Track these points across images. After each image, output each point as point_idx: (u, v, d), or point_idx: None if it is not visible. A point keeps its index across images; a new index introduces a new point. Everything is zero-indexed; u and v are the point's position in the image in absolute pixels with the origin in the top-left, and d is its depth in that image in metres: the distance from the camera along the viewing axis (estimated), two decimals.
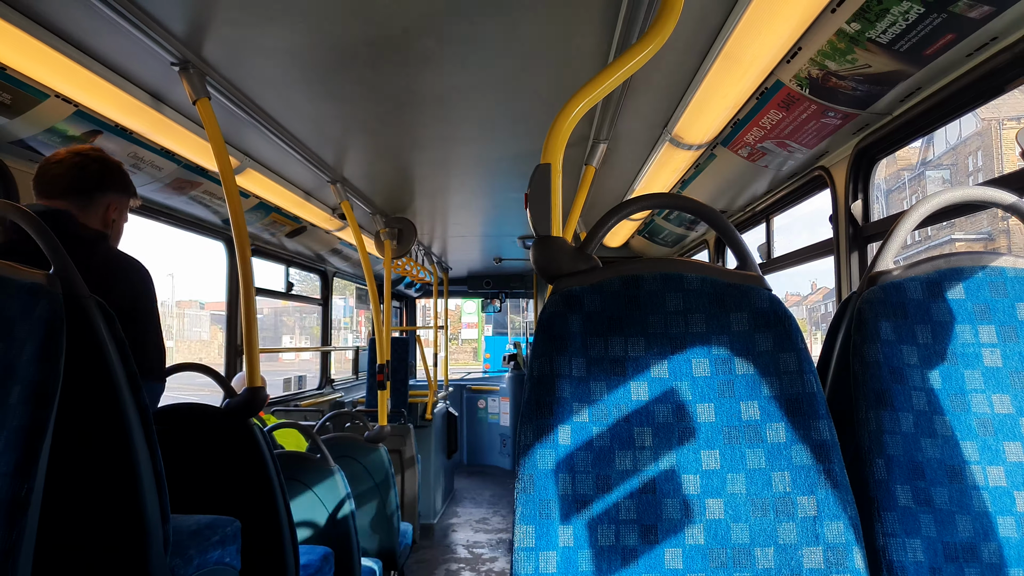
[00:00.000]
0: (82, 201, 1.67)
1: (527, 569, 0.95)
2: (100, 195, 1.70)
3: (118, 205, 1.76)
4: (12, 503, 1.06)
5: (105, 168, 1.72)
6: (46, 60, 1.81)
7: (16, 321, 1.15)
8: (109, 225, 1.74)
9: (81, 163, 1.67)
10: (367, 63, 2.07)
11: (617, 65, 1.26)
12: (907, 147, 1.63)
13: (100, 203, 1.71)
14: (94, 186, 1.68)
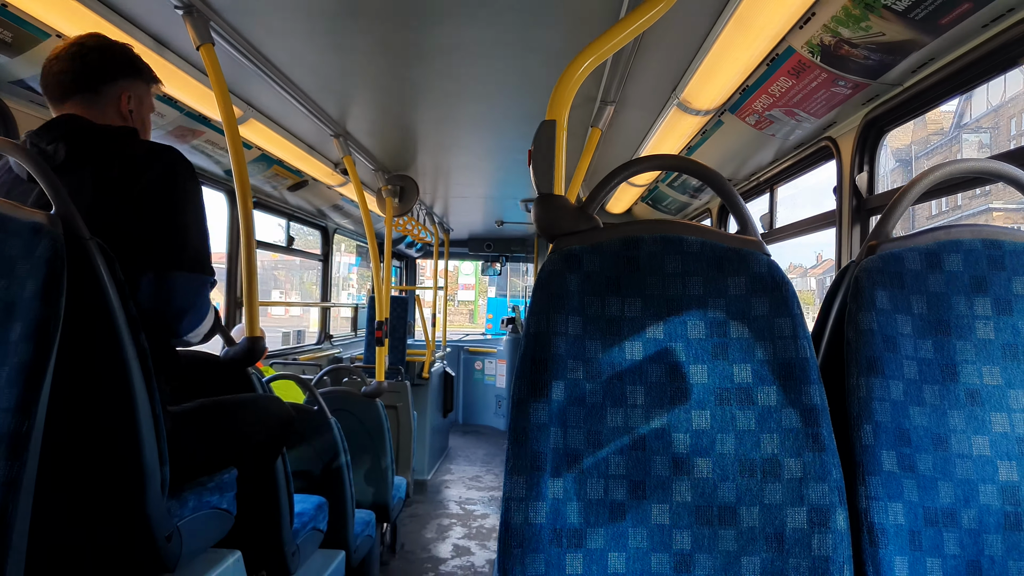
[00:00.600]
0: (89, 98, 1.50)
1: (517, 519, 0.97)
2: (108, 86, 1.52)
3: (132, 93, 1.57)
4: (14, 437, 1.08)
5: (107, 55, 1.52)
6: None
7: (17, 260, 1.16)
8: (128, 117, 1.57)
9: (79, 53, 1.49)
10: (374, 15, 2.03)
11: (627, 22, 1.24)
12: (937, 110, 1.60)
13: (110, 95, 1.53)
14: (98, 78, 1.50)
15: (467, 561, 3.53)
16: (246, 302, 2.14)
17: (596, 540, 0.99)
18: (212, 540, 1.63)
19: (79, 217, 1.24)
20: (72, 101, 1.49)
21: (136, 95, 1.58)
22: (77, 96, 1.49)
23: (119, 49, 1.55)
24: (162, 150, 1.44)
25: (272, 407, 1.85)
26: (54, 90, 1.49)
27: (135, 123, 1.58)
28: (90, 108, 1.50)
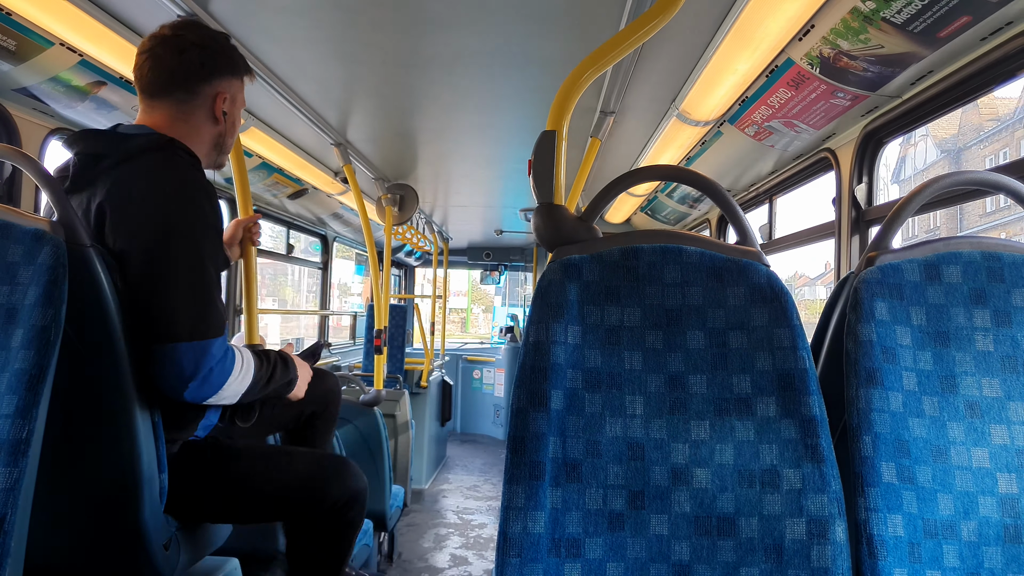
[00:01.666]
0: (182, 98, 1.41)
1: (515, 528, 0.97)
2: (205, 86, 1.43)
3: (228, 92, 1.48)
4: (13, 444, 1.08)
5: (207, 51, 1.42)
6: (52, 7, 1.79)
7: (19, 266, 1.16)
8: (220, 119, 1.48)
9: (178, 47, 1.39)
10: (376, 25, 2.05)
11: (627, 33, 1.25)
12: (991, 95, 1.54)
13: (206, 95, 1.44)
14: (197, 77, 1.41)
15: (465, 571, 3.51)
16: (246, 310, 2.14)
17: (595, 550, 0.98)
18: (210, 548, 1.62)
19: (81, 224, 1.24)
20: (163, 101, 1.41)
21: (231, 94, 1.49)
22: (169, 97, 1.41)
23: (220, 42, 1.45)
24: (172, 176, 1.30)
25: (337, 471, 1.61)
26: (145, 86, 1.41)
27: (227, 124, 1.50)
28: (181, 107, 1.42)
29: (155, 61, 1.39)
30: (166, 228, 1.27)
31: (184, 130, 1.43)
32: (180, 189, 1.30)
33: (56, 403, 1.17)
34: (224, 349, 1.33)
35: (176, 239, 1.27)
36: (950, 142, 26.07)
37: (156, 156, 1.32)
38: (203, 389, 1.29)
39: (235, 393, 1.37)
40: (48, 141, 2.28)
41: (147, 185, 1.29)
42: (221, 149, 1.53)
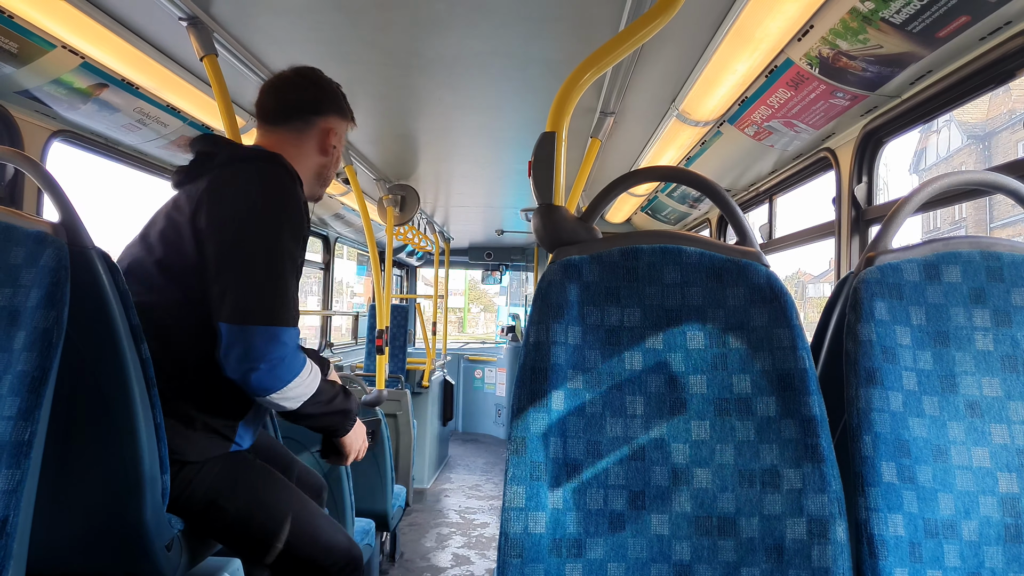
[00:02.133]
0: (298, 126, 1.56)
1: (516, 529, 0.97)
2: (319, 119, 1.58)
3: (337, 130, 1.62)
4: (15, 445, 1.08)
5: (322, 90, 1.60)
6: (54, 9, 1.80)
7: (22, 268, 1.17)
8: (329, 151, 1.61)
9: (300, 85, 1.58)
10: (375, 25, 2.05)
11: (627, 34, 1.25)
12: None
13: (319, 127, 1.58)
14: (311, 110, 1.57)
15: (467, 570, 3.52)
16: None
17: (596, 550, 0.99)
18: (212, 548, 1.63)
19: (83, 226, 1.25)
20: (280, 128, 1.56)
21: (339, 133, 1.63)
22: (285, 125, 1.55)
23: (333, 87, 1.62)
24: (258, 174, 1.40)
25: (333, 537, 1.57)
26: (267, 115, 1.56)
27: (331, 158, 1.63)
28: (295, 135, 1.56)
29: (278, 94, 1.56)
30: (257, 218, 1.35)
31: (293, 154, 1.54)
32: (277, 190, 1.39)
33: (58, 405, 1.18)
34: (296, 344, 1.36)
35: (264, 230, 1.34)
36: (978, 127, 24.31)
37: (262, 163, 1.43)
38: (271, 377, 1.31)
39: (300, 396, 1.39)
40: (50, 143, 2.29)
41: (248, 180, 1.39)
42: (322, 181, 1.66)
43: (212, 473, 1.43)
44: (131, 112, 2.39)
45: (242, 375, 1.30)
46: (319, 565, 1.52)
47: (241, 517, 1.46)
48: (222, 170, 1.41)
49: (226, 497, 1.44)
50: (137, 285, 1.37)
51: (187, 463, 1.40)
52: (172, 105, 2.53)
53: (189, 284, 1.36)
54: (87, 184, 66.60)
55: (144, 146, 2.71)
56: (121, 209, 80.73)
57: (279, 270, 1.34)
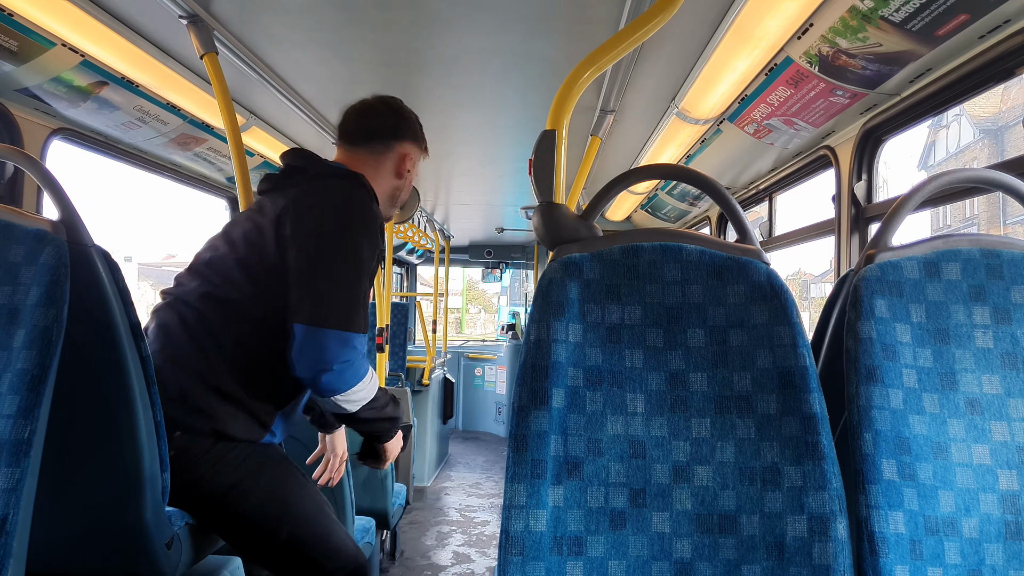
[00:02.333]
0: (379, 149, 1.66)
1: (517, 527, 0.97)
2: (398, 143, 1.68)
3: (412, 156, 1.72)
4: (15, 444, 1.08)
5: (403, 119, 1.69)
6: (53, 7, 1.80)
7: (21, 266, 1.17)
8: (403, 175, 1.71)
9: (382, 112, 1.68)
10: (375, 23, 2.05)
11: (627, 33, 1.25)
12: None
13: (396, 152, 1.68)
14: (391, 135, 1.67)
15: (467, 568, 3.52)
16: None
17: (596, 548, 0.99)
18: (212, 547, 1.63)
19: (83, 224, 1.25)
20: (361, 148, 1.66)
21: (413, 159, 1.72)
22: (366, 146, 1.65)
23: (413, 117, 1.72)
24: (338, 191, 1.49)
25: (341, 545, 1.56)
26: (350, 136, 1.66)
27: (404, 182, 1.72)
28: (374, 156, 1.66)
29: (361, 118, 1.67)
30: (339, 231, 1.45)
31: (372, 174, 1.63)
32: (358, 207, 1.49)
33: (58, 403, 1.18)
34: (364, 350, 1.44)
35: (345, 242, 1.44)
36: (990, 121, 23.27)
37: (346, 181, 1.54)
38: (340, 380, 1.40)
39: (361, 399, 1.47)
40: (50, 141, 2.29)
41: (332, 196, 1.49)
42: (394, 202, 1.74)
43: (242, 456, 1.46)
44: (131, 110, 2.39)
45: (313, 375, 1.38)
46: (323, 569, 1.52)
47: (259, 506, 1.48)
48: (309, 184, 1.52)
49: (249, 484, 1.46)
50: (217, 277, 1.48)
51: (224, 439, 1.44)
52: (172, 103, 2.53)
53: (265, 283, 1.45)
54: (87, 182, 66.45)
55: (144, 144, 2.71)
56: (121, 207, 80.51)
57: (355, 280, 1.43)
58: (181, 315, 1.46)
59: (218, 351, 1.43)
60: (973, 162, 22.21)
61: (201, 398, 1.42)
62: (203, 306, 1.46)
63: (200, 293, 1.47)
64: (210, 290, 1.45)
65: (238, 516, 1.48)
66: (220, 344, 1.43)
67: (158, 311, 1.51)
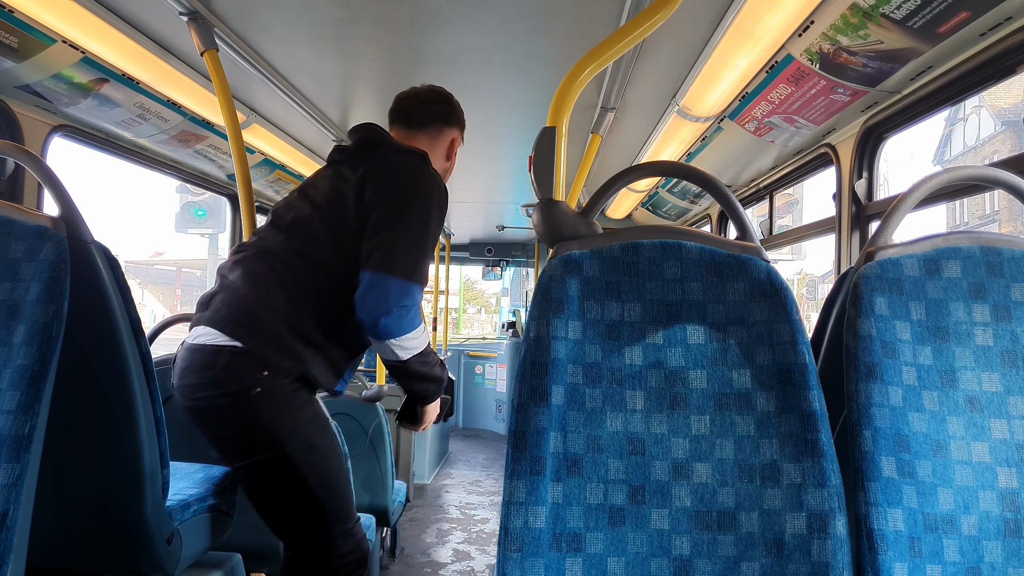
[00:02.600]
0: (433, 134, 1.83)
1: (516, 523, 0.97)
2: (449, 129, 1.87)
3: (458, 142, 1.91)
4: (15, 439, 1.08)
5: (453, 107, 1.87)
6: (55, 4, 1.80)
7: (22, 262, 1.17)
8: (451, 158, 1.90)
9: (441, 99, 1.85)
10: (376, 22, 2.05)
11: (627, 30, 1.25)
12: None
13: (447, 137, 1.87)
14: (445, 121, 1.85)
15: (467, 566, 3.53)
16: None
17: (596, 545, 0.99)
18: (212, 543, 1.63)
19: (83, 220, 1.25)
20: (420, 131, 1.82)
21: (457, 145, 1.91)
22: (424, 130, 1.83)
23: (459, 105, 1.90)
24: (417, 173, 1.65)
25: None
26: (411, 120, 1.83)
27: (450, 164, 1.92)
28: (431, 139, 1.83)
29: (419, 103, 1.84)
30: (413, 196, 1.60)
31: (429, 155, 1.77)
32: (430, 179, 1.66)
33: (58, 399, 1.18)
34: (420, 304, 1.60)
35: (417, 205, 1.60)
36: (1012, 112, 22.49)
37: (420, 158, 1.71)
38: (397, 324, 1.54)
39: (414, 347, 1.60)
40: (51, 138, 2.29)
41: (407, 166, 1.66)
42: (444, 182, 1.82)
43: (316, 410, 1.59)
44: (131, 107, 2.39)
45: (374, 317, 1.52)
46: (335, 549, 1.57)
47: (317, 463, 1.54)
48: (387, 156, 1.68)
49: (317, 439, 1.55)
50: (303, 235, 1.60)
51: (306, 385, 1.56)
52: (172, 100, 2.53)
53: (344, 243, 1.59)
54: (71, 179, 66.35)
55: (145, 141, 2.71)
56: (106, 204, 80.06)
57: (422, 240, 1.59)
58: (271, 266, 1.57)
59: (304, 302, 1.55)
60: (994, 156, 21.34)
61: (291, 342, 1.52)
62: (291, 260, 1.57)
63: (287, 247, 1.58)
64: (297, 246, 1.58)
65: (292, 465, 1.51)
66: (306, 296, 1.55)
67: (244, 260, 1.60)
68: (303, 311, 1.54)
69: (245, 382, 1.45)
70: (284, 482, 1.52)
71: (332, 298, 1.57)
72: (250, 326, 1.48)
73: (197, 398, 1.48)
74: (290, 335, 1.51)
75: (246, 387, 1.45)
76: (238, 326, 1.48)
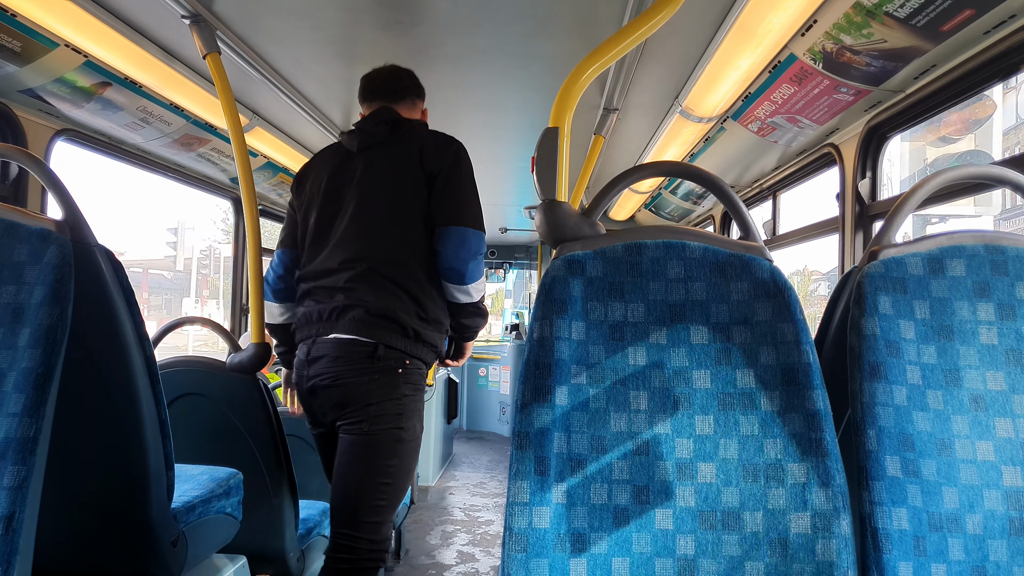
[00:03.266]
0: (409, 104, 2.00)
1: (520, 524, 0.97)
2: (420, 100, 2.05)
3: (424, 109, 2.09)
4: (21, 442, 1.09)
5: (416, 78, 2.05)
6: (57, 8, 1.80)
7: (26, 265, 1.17)
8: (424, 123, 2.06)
9: (407, 75, 2.02)
10: (378, 24, 2.05)
11: (630, 30, 1.25)
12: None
13: (419, 106, 2.05)
14: (416, 94, 2.03)
15: (471, 567, 3.52)
16: (252, 308, 2.15)
17: (600, 545, 0.99)
18: (218, 545, 1.63)
19: (87, 223, 1.25)
20: (402, 101, 1.98)
21: (426, 113, 2.10)
22: (404, 99, 1.99)
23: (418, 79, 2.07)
24: (448, 140, 1.88)
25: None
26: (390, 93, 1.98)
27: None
28: (409, 112, 1.99)
29: (395, 79, 2.00)
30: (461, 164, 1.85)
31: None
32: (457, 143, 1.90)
33: (64, 402, 1.18)
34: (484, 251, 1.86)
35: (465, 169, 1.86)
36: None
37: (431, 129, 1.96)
38: (477, 269, 1.83)
39: (480, 291, 1.89)
40: (54, 142, 2.30)
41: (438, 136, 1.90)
42: None
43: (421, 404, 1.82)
44: (134, 111, 2.40)
45: (457, 262, 1.78)
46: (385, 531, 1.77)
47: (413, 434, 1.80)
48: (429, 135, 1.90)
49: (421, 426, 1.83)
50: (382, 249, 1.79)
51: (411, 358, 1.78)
52: (175, 103, 2.54)
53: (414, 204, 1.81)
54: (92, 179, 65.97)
55: (147, 145, 2.72)
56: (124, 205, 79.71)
57: (477, 198, 1.87)
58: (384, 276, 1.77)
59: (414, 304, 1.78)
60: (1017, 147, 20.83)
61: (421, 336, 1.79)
62: (390, 272, 1.77)
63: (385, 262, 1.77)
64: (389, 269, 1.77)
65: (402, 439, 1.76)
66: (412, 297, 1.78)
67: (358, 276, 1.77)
68: (415, 312, 1.79)
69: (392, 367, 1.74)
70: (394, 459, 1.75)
71: (426, 292, 1.82)
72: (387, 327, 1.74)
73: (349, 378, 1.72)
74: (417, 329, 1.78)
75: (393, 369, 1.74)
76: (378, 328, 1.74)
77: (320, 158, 1.98)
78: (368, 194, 1.83)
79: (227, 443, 2.03)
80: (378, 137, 1.88)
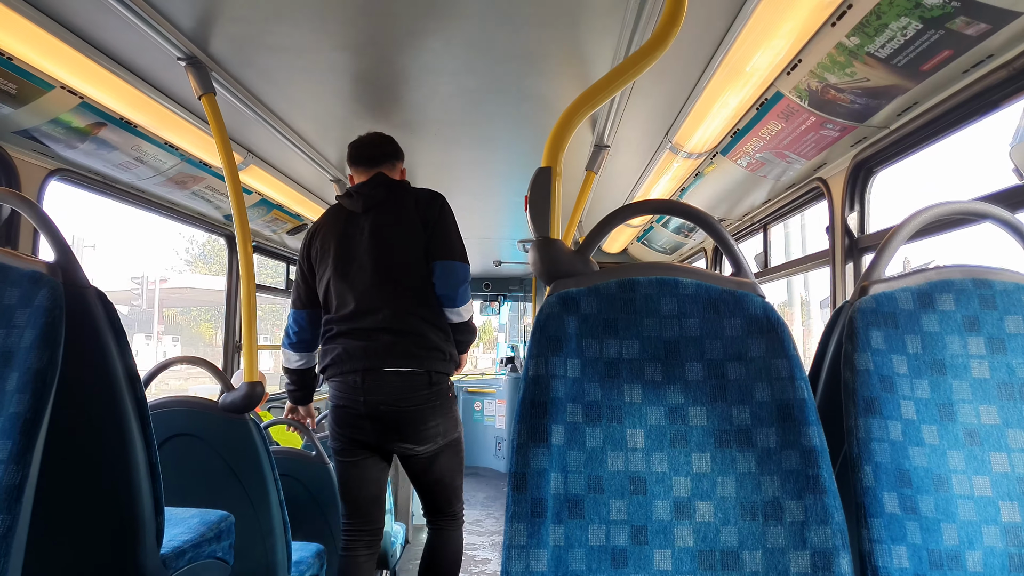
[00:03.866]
0: (391, 167, 2.30)
1: (518, 567, 0.96)
2: (400, 162, 2.35)
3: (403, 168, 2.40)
4: (7, 489, 1.07)
5: (396, 143, 2.34)
6: (53, 51, 1.82)
7: (16, 308, 1.17)
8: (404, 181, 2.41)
9: (389, 141, 2.32)
10: (371, 63, 2.08)
11: (619, 71, 1.27)
12: None
13: (399, 166, 2.34)
14: (396, 156, 2.33)
15: None
16: (245, 346, 2.14)
17: None
18: None
19: (79, 265, 1.25)
20: (383, 167, 2.28)
21: (405, 172, 2.41)
22: (386, 164, 2.29)
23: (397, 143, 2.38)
24: (433, 195, 2.26)
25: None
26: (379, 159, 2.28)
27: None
28: (391, 172, 2.30)
29: (381, 145, 2.30)
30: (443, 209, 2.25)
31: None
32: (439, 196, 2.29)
33: (52, 445, 1.17)
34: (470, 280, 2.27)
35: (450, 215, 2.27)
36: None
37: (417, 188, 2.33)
38: (465, 295, 2.22)
39: (471, 311, 2.31)
40: (47, 182, 2.30)
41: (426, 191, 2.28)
42: None
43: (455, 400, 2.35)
44: (129, 150, 2.41)
45: (450, 289, 2.17)
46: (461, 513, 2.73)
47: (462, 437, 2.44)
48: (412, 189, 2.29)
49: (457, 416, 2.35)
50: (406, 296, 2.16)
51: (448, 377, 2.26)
52: (170, 143, 2.55)
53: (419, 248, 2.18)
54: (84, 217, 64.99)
55: (142, 183, 2.73)
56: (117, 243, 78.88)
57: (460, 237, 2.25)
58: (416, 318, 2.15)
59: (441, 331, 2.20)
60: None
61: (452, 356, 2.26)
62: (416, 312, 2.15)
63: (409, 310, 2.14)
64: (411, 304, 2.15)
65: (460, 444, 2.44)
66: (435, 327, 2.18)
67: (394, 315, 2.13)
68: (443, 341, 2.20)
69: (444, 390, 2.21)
70: (456, 457, 2.41)
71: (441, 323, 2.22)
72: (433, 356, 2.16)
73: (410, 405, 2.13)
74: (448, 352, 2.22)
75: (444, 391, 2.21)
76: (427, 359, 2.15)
77: (324, 221, 2.31)
78: (382, 243, 2.17)
79: (219, 484, 2.00)
80: (377, 198, 2.21)
